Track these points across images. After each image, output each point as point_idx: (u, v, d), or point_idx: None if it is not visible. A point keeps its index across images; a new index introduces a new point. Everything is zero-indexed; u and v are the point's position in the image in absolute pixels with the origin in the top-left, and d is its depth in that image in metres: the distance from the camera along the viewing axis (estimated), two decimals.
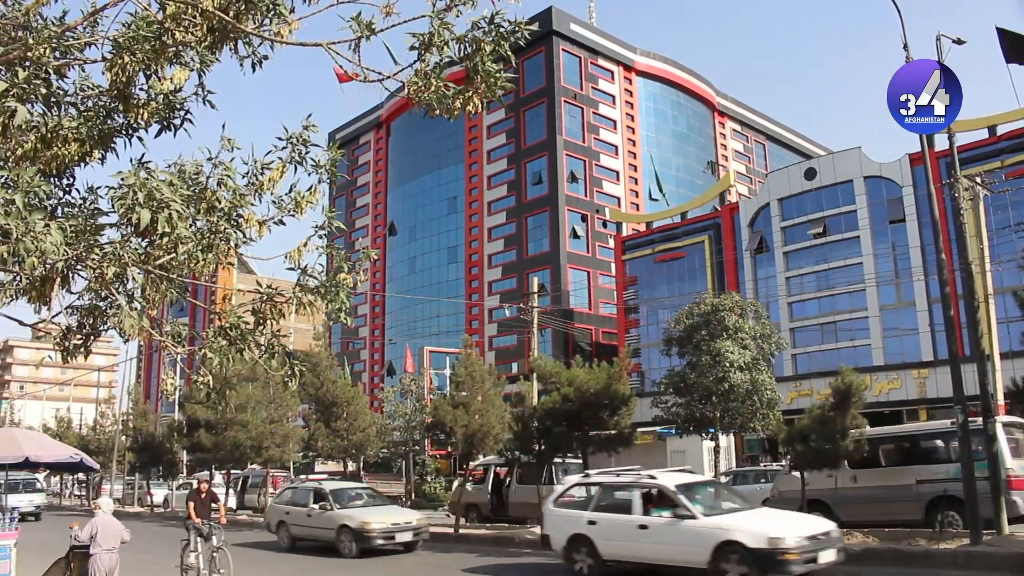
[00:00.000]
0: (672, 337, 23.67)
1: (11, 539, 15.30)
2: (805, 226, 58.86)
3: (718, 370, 21.59)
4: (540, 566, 18.55)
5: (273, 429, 33.98)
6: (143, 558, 18.99)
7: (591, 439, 23.49)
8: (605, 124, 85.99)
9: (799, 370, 56.89)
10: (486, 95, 5.55)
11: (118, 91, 6.34)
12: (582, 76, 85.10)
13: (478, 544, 23.76)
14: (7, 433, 19.21)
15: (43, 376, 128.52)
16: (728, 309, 22.36)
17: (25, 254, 4.55)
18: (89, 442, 53.47)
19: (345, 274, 5.88)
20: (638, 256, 68.79)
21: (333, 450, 30.93)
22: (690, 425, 23.50)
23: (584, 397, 22.69)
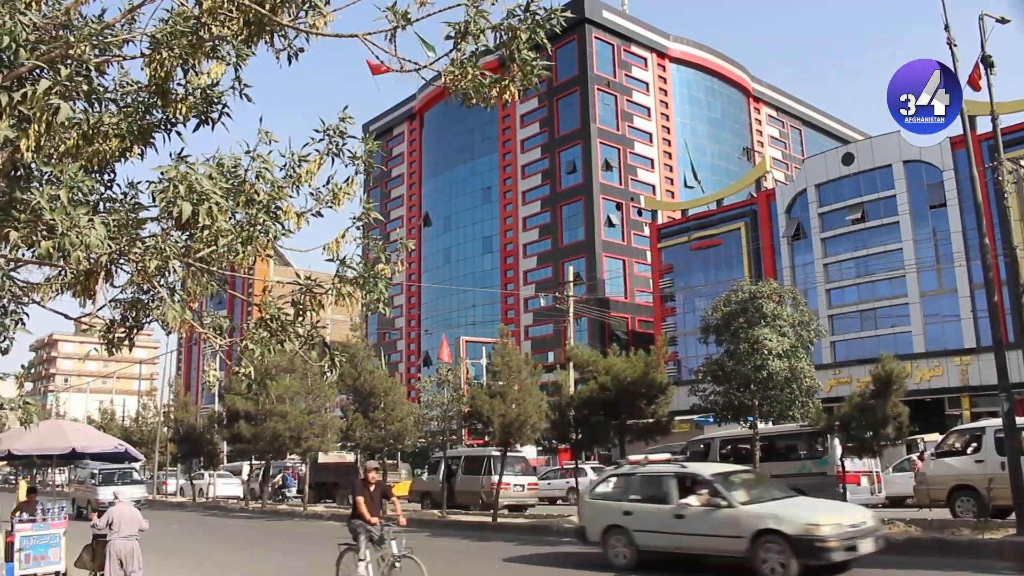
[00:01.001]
0: (709, 325, 23.49)
1: (60, 528, 15.66)
2: (843, 212, 58.08)
3: (756, 358, 21.39)
4: (580, 555, 18.56)
5: (311, 420, 34.30)
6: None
7: (628, 428, 23.45)
8: (639, 111, 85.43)
9: (838, 358, 56.26)
10: (522, 83, 5.52)
11: (157, 86, 6.40)
12: (615, 63, 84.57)
13: (515, 533, 23.83)
14: (54, 424, 19.58)
15: (87, 369, 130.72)
16: (766, 296, 22.14)
17: (70, 248, 4.61)
18: (132, 433, 54.29)
19: (383, 265, 5.89)
20: (673, 244, 68.35)
21: (371, 440, 31.13)
22: (728, 413, 23.34)
23: (621, 386, 22.64)
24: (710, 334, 23.52)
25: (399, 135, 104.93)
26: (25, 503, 16.49)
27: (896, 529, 17.18)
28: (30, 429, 9.10)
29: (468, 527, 26.20)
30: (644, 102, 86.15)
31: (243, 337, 5.80)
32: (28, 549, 15.21)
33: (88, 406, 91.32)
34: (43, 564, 15.40)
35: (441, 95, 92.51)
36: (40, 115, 5.22)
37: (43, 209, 4.81)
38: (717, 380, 23.11)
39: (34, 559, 15.27)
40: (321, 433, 34.57)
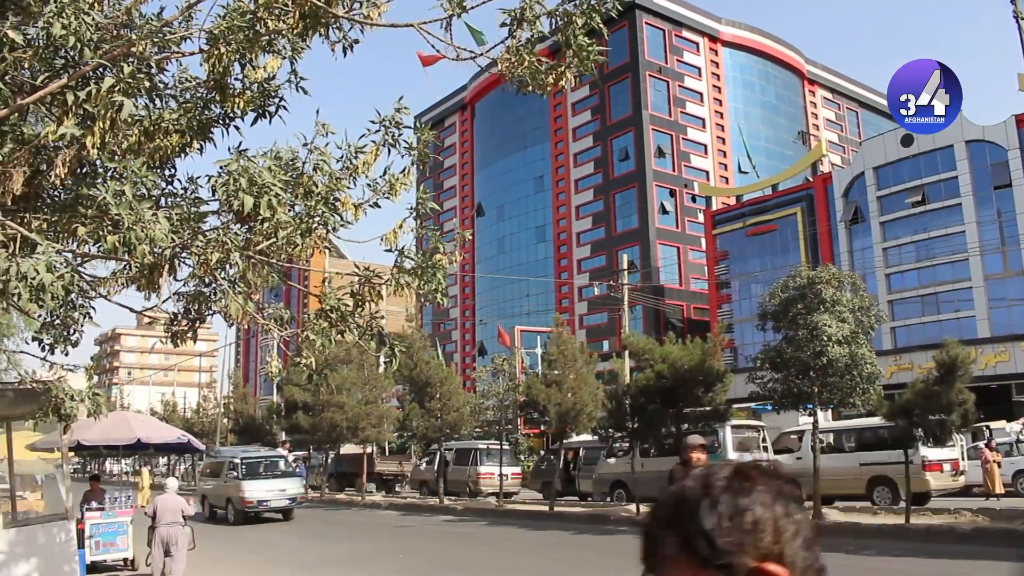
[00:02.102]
0: (767, 311, 23.15)
1: (127, 516, 16.08)
2: (902, 195, 56.78)
3: (815, 344, 21.03)
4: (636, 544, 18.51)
5: (368, 410, 34.64)
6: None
7: (685, 416, 23.25)
8: (691, 97, 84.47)
9: (898, 343, 55.12)
10: (578, 69, 5.48)
11: (215, 81, 6.49)
12: (667, 49, 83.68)
13: (573, 522, 23.87)
14: (120, 416, 20.08)
15: (149, 362, 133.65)
16: (825, 282, 21.74)
17: (136, 242, 4.70)
18: (193, 425, 55.41)
19: (441, 254, 5.91)
20: (729, 230, 67.54)
21: (428, 430, 31.34)
22: (787, 401, 23.03)
23: (678, 374, 22.46)
24: (768, 321, 23.19)
25: (451, 126, 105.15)
26: (90, 491, 16.95)
27: (963, 518, 16.85)
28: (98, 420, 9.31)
29: (524, 516, 26.30)
30: (696, 87, 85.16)
31: (303, 328, 5.86)
32: (98, 536, 15.65)
33: (151, 398, 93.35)
34: (112, 551, 15.84)
35: (492, 85, 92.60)
36: (104, 112, 5.32)
37: (109, 204, 4.91)
38: (775, 367, 22.79)
39: (103, 546, 15.72)
40: (378, 423, 34.90)
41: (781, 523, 1.22)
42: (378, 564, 16.57)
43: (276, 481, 27.40)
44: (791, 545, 1.21)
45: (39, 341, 6.68)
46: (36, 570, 10.83)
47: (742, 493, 1.23)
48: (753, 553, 1.19)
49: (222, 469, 28.84)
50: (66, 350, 6.69)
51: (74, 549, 11.92)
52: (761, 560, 1.19)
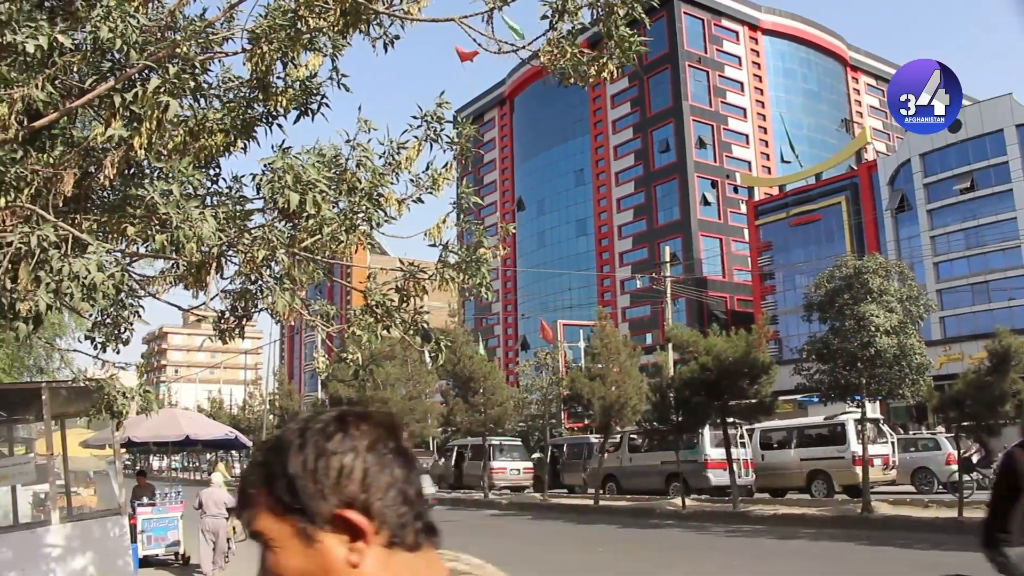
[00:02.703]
0: (812, 302, 22.87)
1: (178, 511, 16.35)
2: (950, 181, 55.75)
3: (863, 335, 20.73)
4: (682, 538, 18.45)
5: (413, 405, 34.86)
6: None
7: (731, 409, 23.06)
8: (732, 87, 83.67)
9: (948, 333, 54.16)
10: (620, 60, 5.44)
11: (258, 80, 6.54)
12: (706, 39, 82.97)
13: (618, 515, 23.85)
14: (169, 413, 20.40)
15: (195, 360, 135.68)
16: (871, 271, 21.42)
17: (184, 241, 4.75)
18: (240, 421, 56.15)
19: (484, 249, 5.90)
20: (772, 221, 66.86)
21: (472, 424, 31.46)
22: (834, 392, 22.75)
23: (723, 366, 22.26)
24: (813, 311, 22.92)
25: (490, 121, 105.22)
26: (138, 487, 17.24)
27: None
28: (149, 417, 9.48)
29: (568, 510, 26.32)
30: (737, 77, 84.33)
31: (349, 323, 5.89)
32: (149, 531, 15.93)
33: (197, 395, 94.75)
34: (163, 545, 16.12)
35: (531, 79, 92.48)
36: (151, 113, 5.38)
37: (157, 204, 4.97)
38: (822, 358, 22.52)
39: (155, 540, 15.99)
40: (422, 419, 35.10)
41: (372, 472, 1.16)
42: None
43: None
44: (382, 497, 1.15)
45: (91, 340, 6.79)
46: (91, 563, 11.04)
47: (333, 439, 1.17)
48: (335, 500, 1.14)
49: None
50: (117, 348, 6.80)
51: (127, 543, 12.14)
52: (344, 508, 1.14)
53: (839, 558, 14.69)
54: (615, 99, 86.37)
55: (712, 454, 26.46)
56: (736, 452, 25.95)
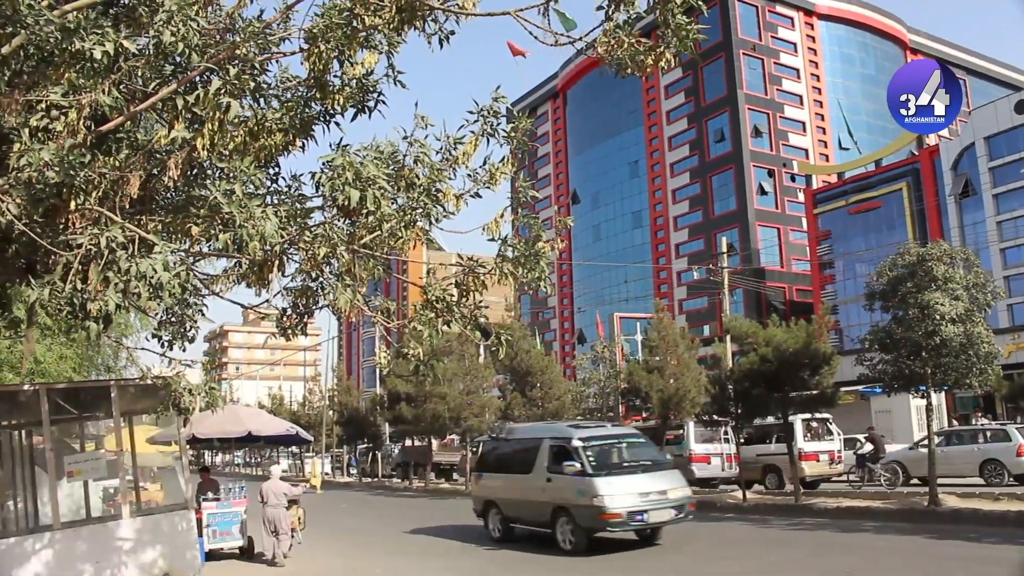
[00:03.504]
0: (874, 291, 22.42)
1: (241, 506, 16.63)
2: (1017, 164, 54.14)
3: (927, 324, 20.27)
4: (743, 532, 18.22)
5: (470, 400, 34.97)
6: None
7: (792, 400, 22.74)
8: (787, 74, 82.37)
9: (1016, 321, 52.70)
10: (677, 49, 5.39)
11: (315, 79, 6.62)
12: (760, 26, 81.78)
13: None
14: (232, 410, 20.72)
15: (255, 357, 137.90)
16: (936, 258, 20.93)
17: (247, 239, 4.83)
18: (300, 417, 56.83)
19: (543, 243, 5.91)
20: (830, 209, 65.69)
21: (530, 419, 31.49)
22: (897, 383, 22.30)
23: (782, 357, 21.94)
24: (875, 300, 22.47)
25: (543, 114, 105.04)
26: (203, 482, 17.57)
27: None
28: (214, 413, 9.66)
29: None
30: (792, 64, 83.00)
31: (410, 319, 5.94)
32: (214, 525, 16.23)
33: (258, 392, 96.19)
34: (228, 539, 16.42)
35: (583, 72, 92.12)
36: (212, 114, 5.48)
37: (220, 204, 5.05)
38: (885, 348, 22.08)
39: (220, 534, 16.30)
40: (480, 413, 35.22)
41: None
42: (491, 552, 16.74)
43: (648, 478, 15.95)
44: None
45: (158, 338, 6.94)
46: (161, 556, 11.30)
47: None
48: None
49: (533, 457, 17.25)
50: (183, 346, 6.95)
51: (195, 537, 12.39)
52: None
53: (905, 551, 14.41)
54: (669, 89, 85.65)
55: (696, 449, 28.21)
56: (720, 447, 28.52)
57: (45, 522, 12.46)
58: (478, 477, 19.61)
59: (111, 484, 16.33)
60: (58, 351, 14.06)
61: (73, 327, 8.52)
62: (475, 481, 20.09)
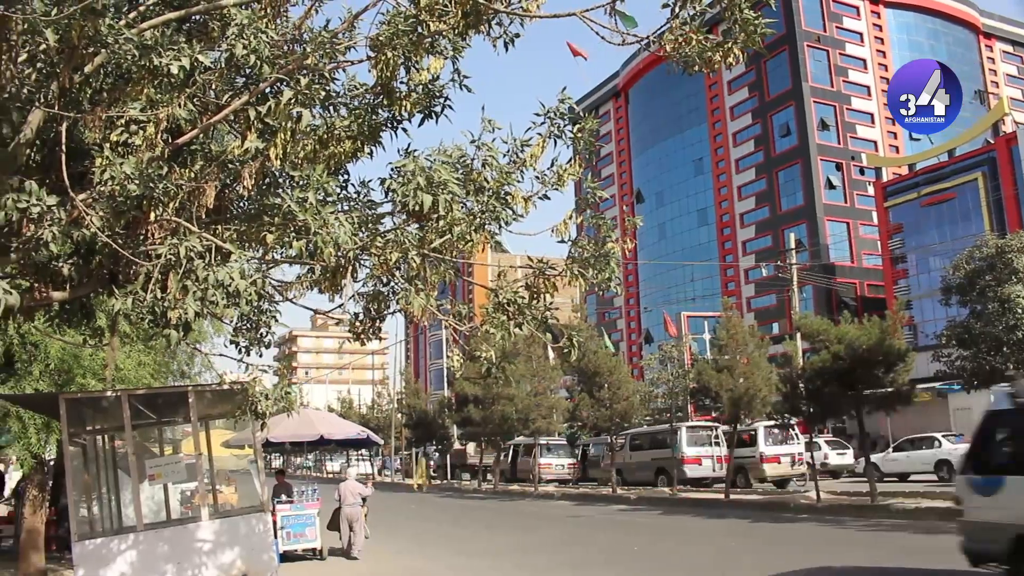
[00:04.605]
0: (951, 285, 21.91)
1: (315, 508, 16.89)
2: None
3: (1009, 317, 19.73)
4: (818, 533, 17.94)
5: (538, 401, 34.99)
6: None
7: (866, 398, 22.27)
8: (854, 65, 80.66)
9: None
10: (745, 44, 5.33)
11: (382, 86, 6.69)
12: (824, 17, 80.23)
13: (750, 509, 23.38)
14: (304, 414, 21.03)
15: (323, 362, 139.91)
16: (1016, 250, 20.35)
17: (322, 246, 4.92)
18: (369, 421, 57.48)
19: (612, 243, 5.89)
20: (902, 202, 64.08)
21: (598, 419, 31.40)
22: (977, 379, 21.71)
23: (856, 354, 21.49)
24: (952, 295, 21.96)
25: (605, 114, 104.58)
26: (278, 485, 17.90)
27: None
28: (290, 417, 9.85)
29: (699, 504, 25.97)
30: (859, 54, 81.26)
31: (482, 321, 5.97)
32: (289, 527, 16.50)
33: (327, 396, 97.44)
34: (302, 541, 16.67)
35: (644, 70, 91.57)
36: (284, 124, 5.59)
37: (294, 211, 5.15)
38: (963, 344, 21.55)
39: (294, 536, 16.56)
40: (547, 414, 35.22)
41: None
42: (560, 554, 16.73)
43: None
44: None
45: (235, 344, 7.10)
46: (239, 558, 11.54)
47: None
48: None
49: None
50: (260, 352, 7.09)
51: (271, 539, 12.63)
52: None
53: None
54: (732, 85, 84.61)
55: (688, 452, 31.33)
56: (711, 450, 31.34)
57: (128, 523, 12.82)
58: (989, 487, 9.93)
59: (188, 487, 16.75)
60: (136, 358, 14.44)
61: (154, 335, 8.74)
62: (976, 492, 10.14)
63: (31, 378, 12.90)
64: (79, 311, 8.50)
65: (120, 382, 13.08)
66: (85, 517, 12.50)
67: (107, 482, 14.31)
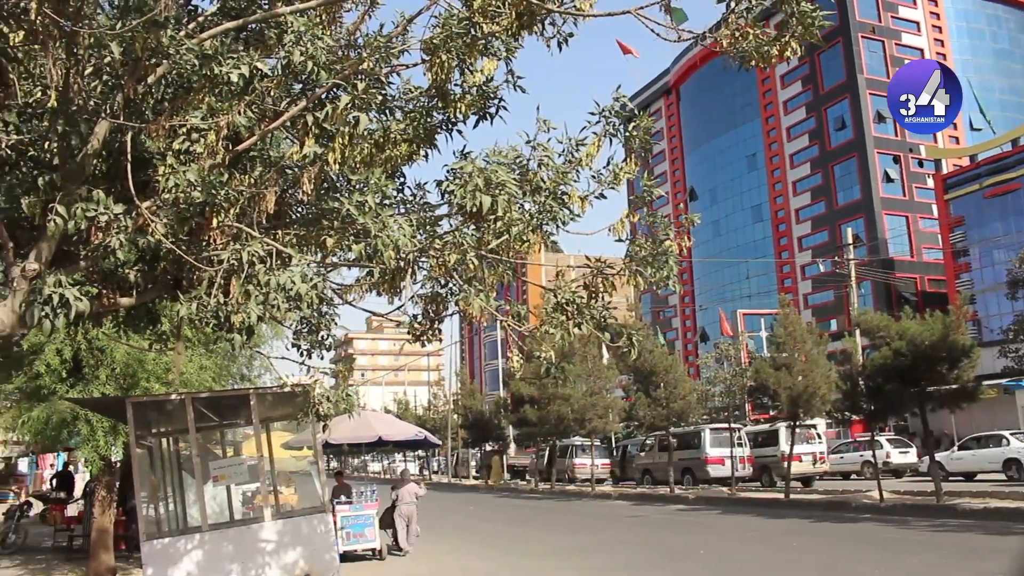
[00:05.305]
0: (1018, 278, 21.39)
1: (374, 509, 17.05)
2: None
3: None
4: (883, 533, 17.61)
5: (594, 401, 34.89)
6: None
7: (929, 396, 21.80)
8: (911, 55, 78.90)
9: None
10: (802, 37, 5.26)
11: (437, 89, 6.74)
12: (879, 6, 78.79)
13: (811, 509, 23.07)
14: (363, 416, 21.23)
15: (378, 364, 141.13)
16: None
17: (382, 248, 4.96)
18: (426, 422, 57.80)
19: (670, 241, 5.86)
20: (963, 194, 62.67)
21: (655, 419, 31.20)
22: None
23: (918, 351, 21.05)
24: (1019, 288, 21.41)
25: (656, 111, 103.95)
26: (337, 486, 18.12)
27: None
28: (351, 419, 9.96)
29: (759, 504, 25.69)
30: (916, 44, 79.61)
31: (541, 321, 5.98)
32: (348, 528, 16.67)
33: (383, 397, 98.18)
34: (361, 541, 16.84)
35: (695, 66, 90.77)
36: (342, 129, 5.66)
37: (353, 215, 5.21)
38: None
39: (353, 536, 16.73)
40: (603, 414, 35.11)
41: None
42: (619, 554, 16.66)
43: None
44: None
45: (297, 347, 7.20)
46: (301, 558, 11.69)
47: None
48: None
49: None
50: (321, 354, 7.18)
51: (332, 539, 12.76)
52: None
53: None
54: (785, 79, 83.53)
55: (711, 452, 33.10)
56: (735, 450, 31.40)
57: (193, 524, 13.07)
58: None
59: (249, 488, 17.00)
60: (198, 362, 14.71)
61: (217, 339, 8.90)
62: None
63: (98, 382, 13.22)
64: (144, 316, 8.69)
65: (183, 386, 13.35)
66: (152, 517, 12.76)
67: (172, 483, 14.59)
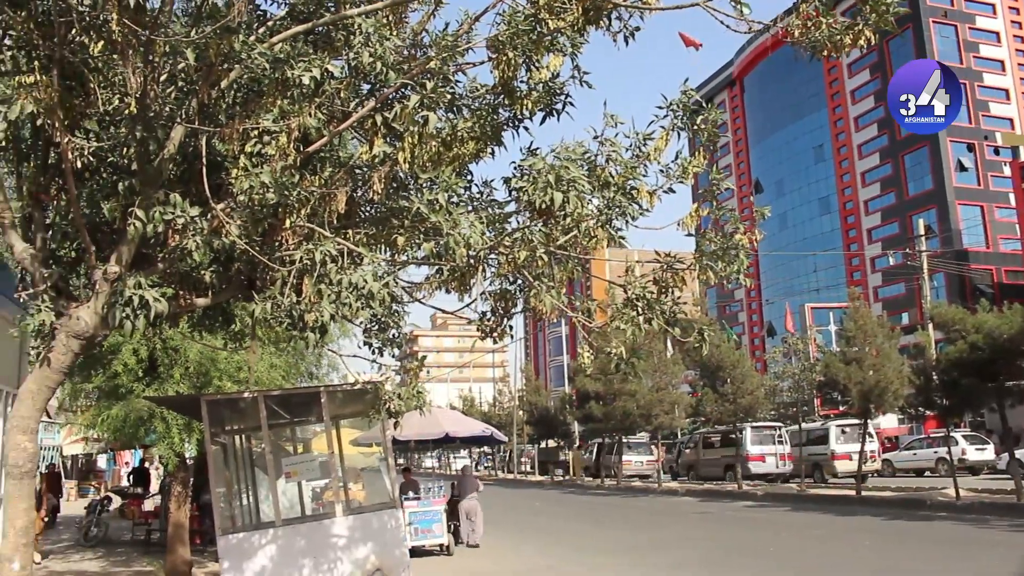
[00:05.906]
0: None
1: (441, 505, 17.19)
2: None
3: None
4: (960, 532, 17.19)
5: (660, 397, 34.67)
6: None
7: (1008, 390, 21.19)
8: (985, 39, 76.83)
9: None
10: (876, 25, 5.14)
11: (503, 86, 6.75)
12: None
13: (884, 507, 22.64)
14: (431, 412, 21.41)
15: (443, 361, 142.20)
16: None
17: (454, 246, 5.00)
18: (491, 418, 58.06)
19: (740, 235, 5.80)
20: None
21: (722, 414, 30.90)
22: None
23: (996, 344, 20.46)
24: None
25: (720, 103, 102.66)
26: (405, 482, 18.29)
27: None
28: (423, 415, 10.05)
29: (828, 501, 25.28)
30: (991, 27, 77.35)
31: (612, 317, 5.97)
32: (416, 523, 16.82)
33: (449, 394, 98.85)
34: (429, 537, 16.99)
35: (759, 57, 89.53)
36: (411, 128, 5.71)
37: (424, 214, 5.25)
38: None
39: (421, 532, 16.88)
40: (670, 410, 34.88)
41: None
42: (688, 550, 16.54)
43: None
44: None
45: (369, 345, 7.29)
46: (372, 553, 11.81)
47: None
48: None
49: None
50: (393, 352, 7.26)
51: (403, 535, 12.88)
52: None
53: None
54: (852, 68, 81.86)
55: (752, 450, 34.04)
56: (775, 448, 33.80)
57: (266, 519, 13.31)
58: None
59: (318, 484, 17.27)
60: (268, 360, 15.00)
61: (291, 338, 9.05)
62: None
63: (172, 381, 13.55)
64: (219, 316, 8.89)
65: (255, 384, 13.61)
66: (227, 512, 13.02)
67: (245, 479, 14.88)
